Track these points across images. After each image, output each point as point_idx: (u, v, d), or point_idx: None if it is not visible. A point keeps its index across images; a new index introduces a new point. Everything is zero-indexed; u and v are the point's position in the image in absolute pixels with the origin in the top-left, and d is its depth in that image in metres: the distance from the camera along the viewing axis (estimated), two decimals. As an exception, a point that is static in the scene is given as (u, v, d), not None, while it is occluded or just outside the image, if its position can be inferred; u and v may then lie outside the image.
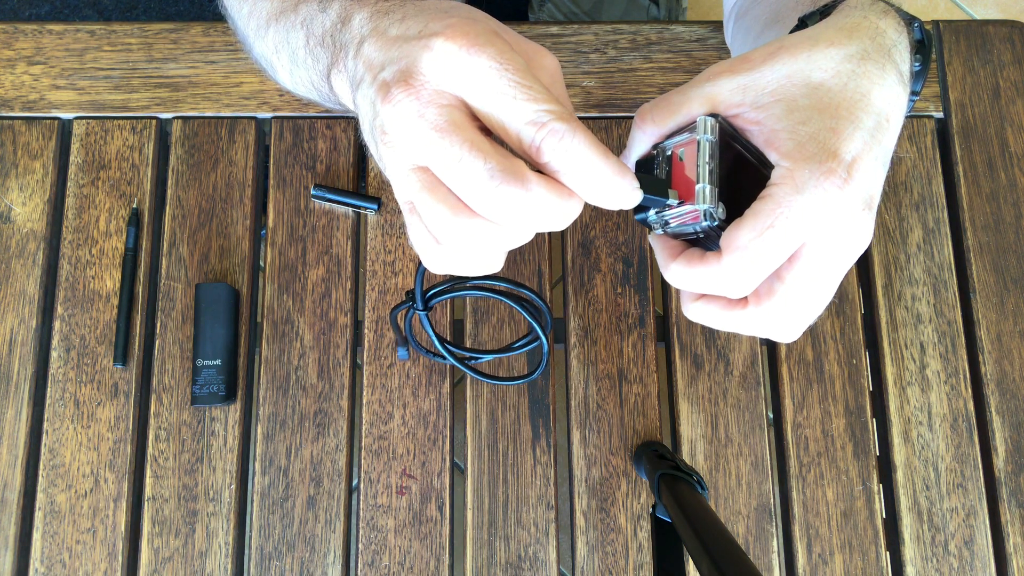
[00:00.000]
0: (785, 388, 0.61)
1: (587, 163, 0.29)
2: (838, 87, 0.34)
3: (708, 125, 0.34)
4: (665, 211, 0.35)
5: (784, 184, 0.32)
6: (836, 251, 0.34)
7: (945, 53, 0.67)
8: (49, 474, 0.58)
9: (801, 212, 0.32)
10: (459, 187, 0.30)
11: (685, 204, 0.34)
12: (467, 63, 0.30)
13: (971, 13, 1.50)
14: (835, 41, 0.34)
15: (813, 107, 0.33)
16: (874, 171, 0.34)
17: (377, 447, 0.59)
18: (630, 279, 0.62)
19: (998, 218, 0.63)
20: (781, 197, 0.32)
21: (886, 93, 0.34)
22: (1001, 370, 0.61)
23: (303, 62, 0.45)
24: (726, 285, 0.34)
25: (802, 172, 0.32)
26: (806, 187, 0.32)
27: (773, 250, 0.32)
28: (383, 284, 0.62)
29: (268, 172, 0.64)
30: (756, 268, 0.33)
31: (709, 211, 0.33)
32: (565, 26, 0.67)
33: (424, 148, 0.30)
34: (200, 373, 0.58)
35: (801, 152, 0.33)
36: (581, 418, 0.60)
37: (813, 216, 0.32)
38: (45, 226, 0.62)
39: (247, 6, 0.49)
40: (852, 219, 0.33)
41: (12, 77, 0.65)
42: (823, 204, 0.32)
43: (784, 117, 0.33)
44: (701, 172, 0.33)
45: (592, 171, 0.30)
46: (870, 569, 0.58)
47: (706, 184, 0.33)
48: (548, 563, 0.58)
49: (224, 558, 0.57)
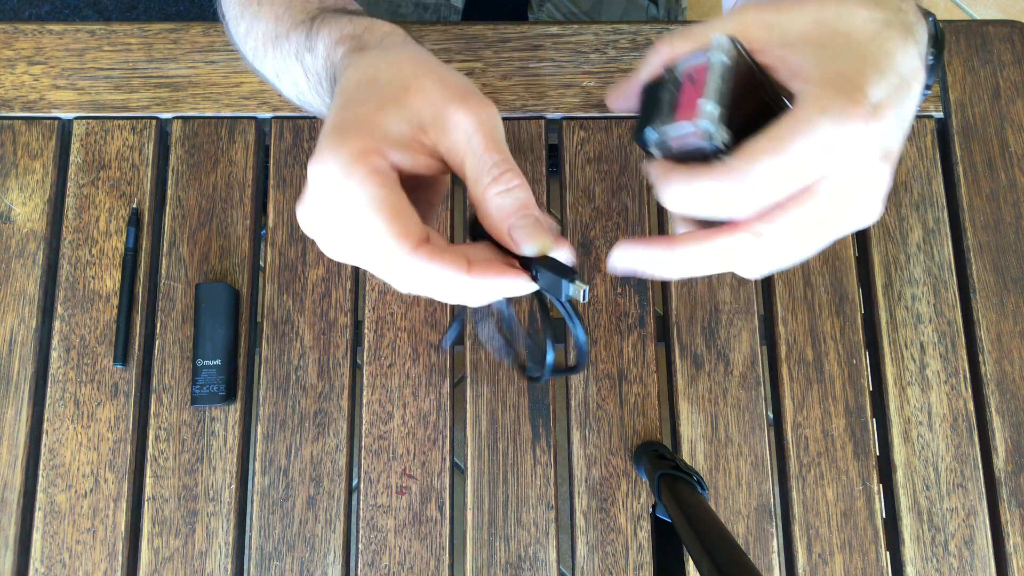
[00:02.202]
0: (785, 388, 0.61)
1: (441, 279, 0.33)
2: (865, 39, 0.33)
3: (724, 46, 0.32)
4: (665, 131, 0.33)
5: (810, 105, 0.31)
6: (851, 196, 0.32)
7: (945, 53, 0.67)
8: (49, 474, 0.58)
9: (824, 135, 0.30)
10: (383, 275, 0.35)
11: (686, 123, 0.32)
12: (335, 190, 0.33)
13: (971, 13, 1.50)
14: (863, 3, 0.34)
15: (840, 49, 0.33)
16: (895, 127, 0.33)
17: (377, 447, 0.59)
18: (630, 279, 0.62)
19: (998, 218, 0.63)
20: (806, 116, 0.31)
21: (909, 61, 0.34)
22: (1001, 370, 0.61)
23: (309, 94, 0.46)
24: (731, 197, 0.31)
25: (829, 97, 0.31)
26: (831, 110, 0.31)
27: (790, 169, 0.31)
28: (383, 284, 0.62)
29: (268, 172, 0.64)
30: (768, 184, 0.31)
31: (709, 129, 0.31)
32: (565, 26, 0.67)
33: (338, 247, 0.35)
34: (200, 373, 0.58)
35: (829, 82, 0.31)
36: (581, 418, 0.60)
37: (835, 143, 0.31)
38: (45, 226, 0.62)
39: (244, 25, 0.50)
40: (871, 164, 0.32)
41: (12, 77, 0.65)
42: (847, 133, 0.31)
43: (811, 54, 0.33)
44: (708, 89, 0.31)
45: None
46: (870, 569, 0.58)
47: (709, 101, 0.31)
48: (548, 563, 0.58)
49: (224, 558, 0.57)
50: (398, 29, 0.41)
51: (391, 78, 0.35)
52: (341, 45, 0.41)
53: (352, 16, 0.43)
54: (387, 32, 0.41)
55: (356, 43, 0.40)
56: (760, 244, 0.32)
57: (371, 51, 0.39)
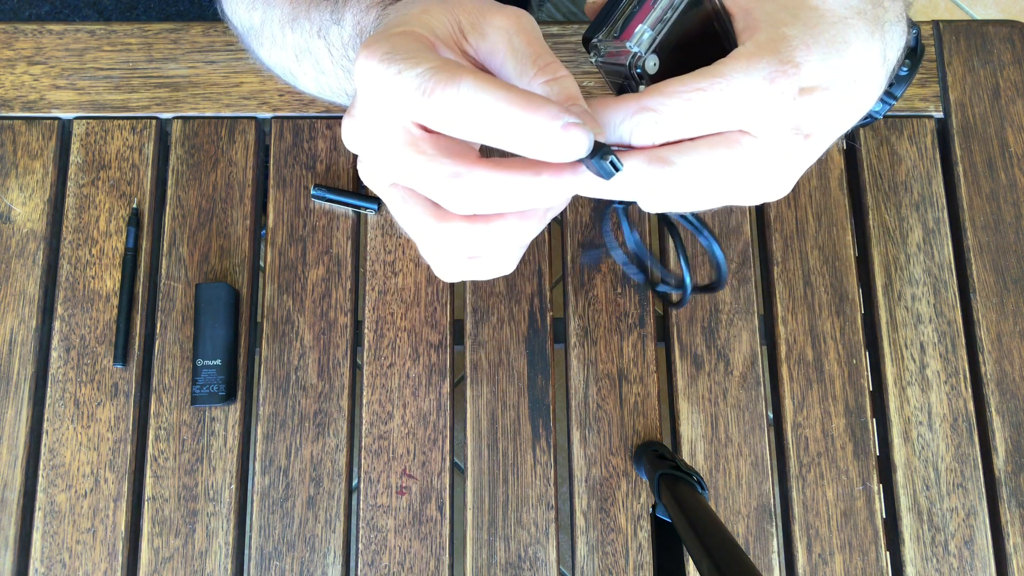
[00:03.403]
0: (785, 388, 0.61)
1: (479, 108, 0.28)
2: (829, 20, 0.33)
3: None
4: (606, 45, 0.33)
5: (740, 60, 0.31)
6: (764, 161, 0.32)
7: (945, 53, 0.67)
8: (49, 474, 0.58)
9: (738, 92, 0.31)
10: (429, 193, 0.31)
11: (622, 42, 0.32)
12: (381, 79, 0.29)
13: (971, 13, 1.50)
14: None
15: (800, 19, 0.33)
16: (822, 113, 0.33)
17: (377, 447, 0.59)
18: (630, 279, 0.62)
19: (998, 218, 0.63)
20: (727, 71, 0.31)
21: (864, 56, 0.34)
22: (1001, 370, 0.61)
23: (332, 72, 0.45)
24: (632, 126, 0.31)
25: (760, 59, 0.31)
26: (755, 70, 0.31)
27: (693, 111, 0.31)
28: (383, 284, 0.62)
29: (268, 172, 0.64)
30: (668, 119, 0.31)
31: (638, 54, 0.32)
32: (565, 26, 0.67)
33: (381, 167, 0.31)
34: (200, 373, 0.58)
35: (769, 46, 0.32)
36: (581, 418, 0.60)
37: (746, 103, 0.31)
38: (45, 226, 0.62)
39: (258, 15, 0.49)
40: (783, 136, 0.32)
41: (12, 77, 0.65)
42: (760, 97, 0.31)
43: (772, 14, 0.33)
44: (652, 16, 0.32)
45: (492, 115, 0.28)
46: (870, 569, 0.58)
47: (647, 28, 0.32)
48: (548, 563, 0.58)
49: (224, 558, 0.57)
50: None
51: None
52: (371, 10, 0.40)
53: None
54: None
55: (386, 1, 0.39)
56: (664, 173, 0.32)
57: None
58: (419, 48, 0.30)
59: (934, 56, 0.67)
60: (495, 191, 0.29)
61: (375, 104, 0.30)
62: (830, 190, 0.64)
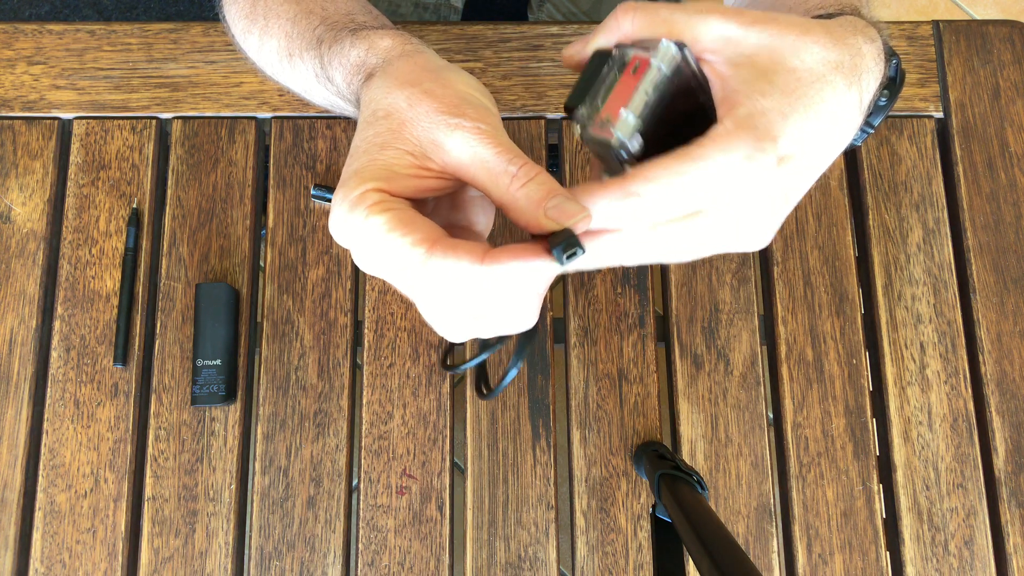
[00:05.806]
0: (785, 388, 0.61)
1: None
2: (807, 81, 0.34)
3: (668, 55, 0.33)
4: (590, 118, 0.34)
5: (719, 141, 0.32)
6: (736, 226, 0.34)
7: (945, 53, 0.67)
8: (49, 474, 0.58)
9: (719, 172, 0.32)
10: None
11: (606, 123, 0.33)
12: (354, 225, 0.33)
13: (971, 13, 1.50)
14: (821, 42, 0.35)
15: (777, 86, 0.34)
16: (801, 175, 0.34)
17: (377, 447, 0.59)
18: (630, 279, 0.62)
19: (998, 218, 0.63)
20: (707, 153, 0.32)
21: (842, 111, 0.35)
22: (1001, 370, 0.61)
23: (343, 106, 0.48)
24: (619, 211, 0.33)
25: (738, 141, 0.32)
26: (735, 150, 0.32)
27: (676, 194, 0.32)
28: (383, 284, 0.62)
29: (268, 172, 0.64)
30: (653, 203, 0.32)
31: (621, 140, 0.33)
32: (565, 26, 0.67)
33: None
34: (200, 373, 0.58)
35: (748, 122, 0.33)
36: (581, 418, 0.60)
37: (727, 183, 0.32)
38: (45, 226, 0.62)
39: (254, 40, 0.51)
40: (763, 203, 0.34)
41: (12, 77, 0.65)
42: (741, 176, 0.32)
43: (750, 82, 0.34)
44: (635, 98, 0.33)
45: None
46: (870, 569, 0.58)
47: (631, 114, 0.32)
48: (548, 563, 0.58)
49: (224, 558, 0.57)
50: (396, 39, 0.41)
51: (387, 112, 0.36)
52: (355, 76, 0.42)
53: (353, 38, 0.43)
54: (386, 49, 0.41)
55: (365, 71, 0.41)
56: (641, 241, 0.34)
57: (374, 81, 0.39)
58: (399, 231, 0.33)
59: (934, 56, 0.67)
60: (469, 280, 0.33)
61: (349, 242, 0.34)
62: (830, 190, 0.64)
